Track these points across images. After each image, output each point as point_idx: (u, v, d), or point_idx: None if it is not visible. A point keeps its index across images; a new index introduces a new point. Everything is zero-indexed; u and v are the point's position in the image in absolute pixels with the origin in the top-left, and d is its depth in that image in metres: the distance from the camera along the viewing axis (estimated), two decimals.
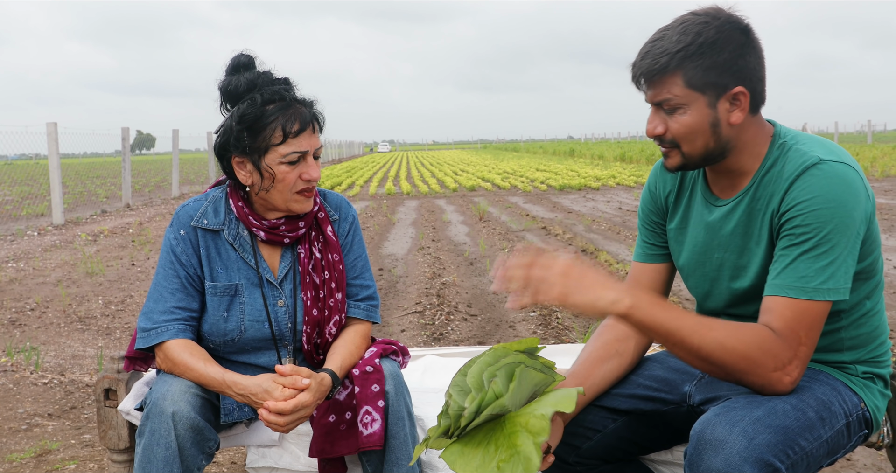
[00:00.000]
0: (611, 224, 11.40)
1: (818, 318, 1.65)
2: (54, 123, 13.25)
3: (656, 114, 1.77)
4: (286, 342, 2.17)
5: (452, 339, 5.19)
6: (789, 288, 1.64)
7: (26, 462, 3.30)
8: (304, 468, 2.23)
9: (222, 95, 2.10)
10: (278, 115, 2.03)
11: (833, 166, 1.66)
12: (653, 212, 2.03)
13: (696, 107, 1.71)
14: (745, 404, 1.61)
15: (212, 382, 2.00)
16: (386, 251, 9.41)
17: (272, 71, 2.11)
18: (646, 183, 2.07)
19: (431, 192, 19.53)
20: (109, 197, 20.44)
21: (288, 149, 2.04)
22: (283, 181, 2.06)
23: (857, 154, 27.43)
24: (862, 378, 1.81)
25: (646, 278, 2.04)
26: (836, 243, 1.63)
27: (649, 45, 1.73)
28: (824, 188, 1.65)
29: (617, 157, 35.05)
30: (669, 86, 1.71)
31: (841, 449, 1.74)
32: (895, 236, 9.28)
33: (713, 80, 1.69)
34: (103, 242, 10.88)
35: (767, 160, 1.77)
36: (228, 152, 2.09)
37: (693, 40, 1.68)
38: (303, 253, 2.18)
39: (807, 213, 1.65)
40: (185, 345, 2.06)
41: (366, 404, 2.02)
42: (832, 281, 1.63)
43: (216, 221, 2.15)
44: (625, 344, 1.97)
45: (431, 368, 2.72)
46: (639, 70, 1.74)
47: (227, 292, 2.13)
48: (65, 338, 5.55)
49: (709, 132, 1.73)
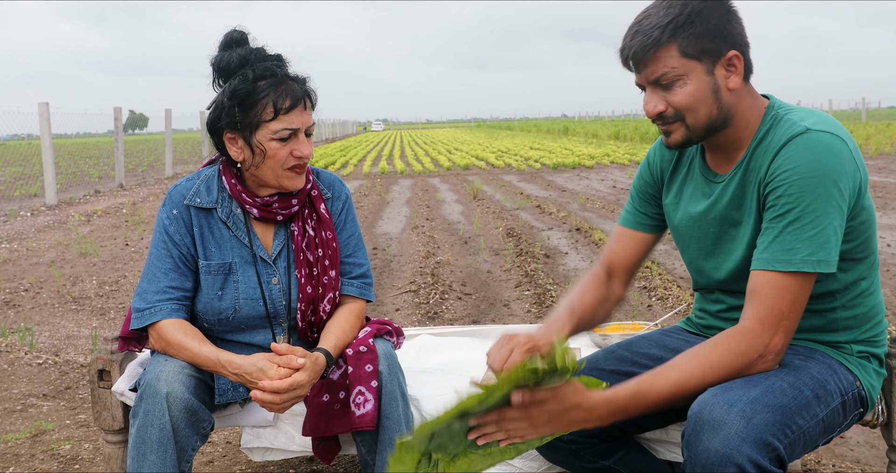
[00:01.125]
0: (605, 202, 11.40)
1: (803, 290, 1.65)
2: (46, 103, 13.16)
3: (654, 93, 1.76)
4: (281, 320, 2.17)
5: (447, 318, 5.20)
6: (776, 262, 1.65)
7: (22, 443, 3.30)
8: (299, 447, 2.23)
9: (214, 71, 2.08)
10: (269, 92, 2.01)
11: (819, 135, 1.66)
12: (648, 184, 2.05)
13: (696, 75, 1.72)
14: (742, 383, 1.62)
15: (206, 362, 1.99)
16: (380, 230, 9.40)
17: (265, 47, 2.10)
18: (646, 155, 2.08)
19: (425, 171, 19.49)
20: (102, 177, 20.36)
21: (279, 125, 2.03)
22: (273, 157, 2.05)
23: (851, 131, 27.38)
24: (857, 357, 1.82)
25: (627, 244, 2.06)
26: (822, 213, 1.63)
27: (636, 25, 1.74)
28: (808, 157, 1.64)
29: (611, 136, 35.00)
30: (665, 60, 1.71)
31: (837, 428, 1.74)
32: (888, 214, 9.30)
33: (707, 47, 1.70)
34: (97, 222, 10.85)
35: (760, 131, 1.78)
36: (220, 128, 2.07)
37: (681, 11, 1.69)
38: (296, 230, 2.17)
39: (790, 183, 1.65)
40: (178, 325, 2.05)
41: (359, 384, 2.02)
42: (821, 252, 1.63)
43: (209, 199, 2.14)
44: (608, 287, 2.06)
45: (426, 348, 2.72)
46: (630, 49, 1.74)
47: (220, 270, 2.12)
48: (59, 319, 5.54)
49: (711, 99, 1.73)
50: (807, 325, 1.81)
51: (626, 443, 2.04)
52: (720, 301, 1.93)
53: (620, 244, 2.07)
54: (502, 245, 7.93)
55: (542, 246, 7.76)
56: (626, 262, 2.06)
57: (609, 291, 2.05)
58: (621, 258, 2.06)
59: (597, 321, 2.05)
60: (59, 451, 3.19)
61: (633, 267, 2.07)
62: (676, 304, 5.26)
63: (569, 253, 7.37)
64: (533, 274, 6.32)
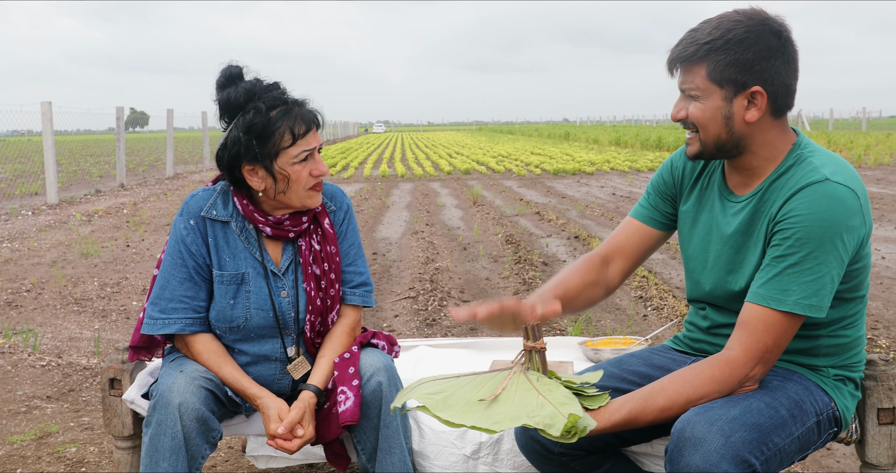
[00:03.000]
0: (604, 210, 11.47)
1: (790, 330, 1.74)
2: (49, 102, 13.22)
3: (682, 99, 1.86)
4: (289, 330, 2.26)
5: (445, 325, 5.27)
6: (771, 299, 1.72)
7: (27, 445, 3.37)
8: (302, 456, 2.32)
9: (221, 108, 2.16)
10: (284, 120, 2.11)
11: (835, 187, 1.72)
12: (668, 185, 2.09)
13: (713, 99, 1.79)
14: (722, 403, 1.71)
15: (230, 385, 2.18)
16: (380, 235, 9.47)
17: (259, 75, 2.18)
18: (670, 156, 2.13)
19: (426, 175, 19.56)
20: (103, 176, 20.42)
21: (297, 149, 2.13)
22: (297, 181, 2.15)
23: (851, 142, 27.47)
24: (834, 379, 1.90)
25: (636, 237, 2.10)
26: (822, 261, 1.70)
27: (689, 34, 1.83)
28: (821, 206, 1.70)
29: (612, 141, 35.06)
30: (693, 76, 1.80)
31: (812, 446, 1.83)
32: (884, 226, 9.38)
33: (732, 77, 1.76)
34: (98, 222, 10.92)
35: (782, 166, 1.84)
36: (239, 163, 2.15)
37: (722, 35, 1.76)
38: (303, 245, 2.27)
39: (798, 228, 1.71)
40: (206, 343, 2.21)
41: (342, 385, 2.14)
42: (814, 298, 1.71)
43: (224, 213, 2.23)
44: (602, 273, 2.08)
45: (424, 360, 2.79)
46: (671, 55, 1.84)
47: (233, 280, 2.21)
48: (61, 320, 5.61)
49: (721, 123, 1.80)
50: (789, 348, 1.89)
51: (613, 455, 2.11)
52: (709, 318, 2.00)
53: (625, 234, 2.11)
54: (501, 252, 8.01)
55: (541, 253, 7.83)
56: (628, 252, 2.10)
57: (599, 276, 2.07)
58: (623, 247, 2.10)
59: (579, 303, 2.05)
60: (65, 454, 3.26)
61: (633, 258, 2.10)
62: (672, 315, 5.33)
63: (567, 262, 7.43)
64: (531, 282, 6.40)
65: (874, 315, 5.31)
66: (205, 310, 2.22)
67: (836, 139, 28.70)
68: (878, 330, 4.96)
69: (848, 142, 27.12)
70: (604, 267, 2.09)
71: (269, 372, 2.25)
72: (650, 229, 2.10)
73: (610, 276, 2.09)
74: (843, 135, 32.79)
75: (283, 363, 2.26)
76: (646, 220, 2.10)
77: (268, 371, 2.25)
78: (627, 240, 2.10)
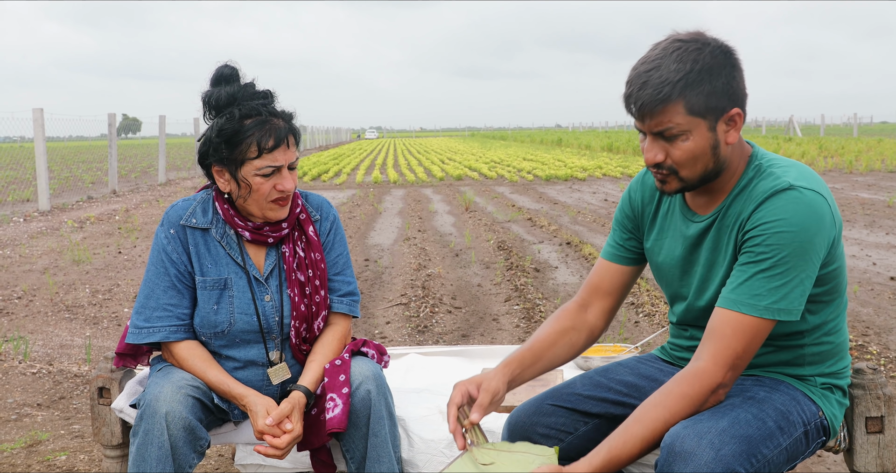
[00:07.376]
0: (596, 216, 11.50)
1: (761, 335, 1.73)
2: (41, 109, 13.21)
3: (655, 143, 1.78)
4: (273, 335, 2.27)
5: (437, 332, 5.28)
6: (741, 304, 1.72)
7: (17, 453, 3.37)
8: (290, 465, 2.32)
9: (204, 106, 2.19)
10: (255, 131, 2.12)
11: (802, 192, 1.73)
12: (629, 219, 2.10)
13: (699, 132, 1.74)
14: (710, 415, 1.71)
15: (215, 388, 2.17)
16: (372, 241, 9.48)
17: (254, 82, 2.19)
18: (627, 188, 2.12)
19: (418, 181, 19.58)
20: (95, 182, 20.38)
21: (262, 163, 2.13)
22: (257, 191, 2.16)
23: (842, 147, 27.60)
24: (821, 388, 1.91)
25: (608, 277, 2.11)
26: (793, 266, 1.70)
27: (645, 75, 1.73)
28: (790, 212, 1.71)
29: (604, 147, 35.16)
30: (671, 115, 1.73)
31: (800, 455, 1.83)
32: (875, 232, 9.41)
33: (713, 105, 1.73)
34: (90, 229, 10.90)
35: (742, 180, 1.84)
36: (208, 161, 2.18)
37: (692, 68, 1.70)
38: (287, 252, 2.28)
39: (769, 235, 1.72)
40: (190, 349, 2.21)
41: (331, 392, 2.14)
42: (784, 301, 1.71)
43: (204, 220, 2.25)
44: (577, 335, 2.08)
45: (414, 368, 2.79)
46: (639, 101, 1.74)
47: (216, 286, 2.22)
48: (52, 327, 5.60)
49: (709, 155, 1.77)
50: (775, 360, 1.90)
51: None
52: (694, 337, 2.00)
53: (598, 276, 2.12)
54: (493, 258, 8.02)
55: (533, 259, 7.85)
56: (604, 293, 2.10)
57: (576, 321, 2.07)
58: (598, 288, 2.11)
59: (559, 351, 2.05)
60: (55, 462, 3.26)
61: (611, 297, 2.11)
62: (663, 321, 5.35)
63: (559, 268, 7.46)
64: (522, 289, 6.41)
65: (865, 321, 5.33)
66: (188, 318, 2.23)
67: (828, 145, 28.84)
68: (868, 336, 4.97)
69: (839, 148, 27.25)
70: (581, 312, 2.09)
71: (256, 377, 2.26)
72: (621, 267, 2.10)
73: (591, 319, 2.09)
74: (834, 140, 32.94)
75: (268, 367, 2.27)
76: (615, 259, 2.11)
77: (255, 376, 2.26)
78: (601, 281, 2.11)
